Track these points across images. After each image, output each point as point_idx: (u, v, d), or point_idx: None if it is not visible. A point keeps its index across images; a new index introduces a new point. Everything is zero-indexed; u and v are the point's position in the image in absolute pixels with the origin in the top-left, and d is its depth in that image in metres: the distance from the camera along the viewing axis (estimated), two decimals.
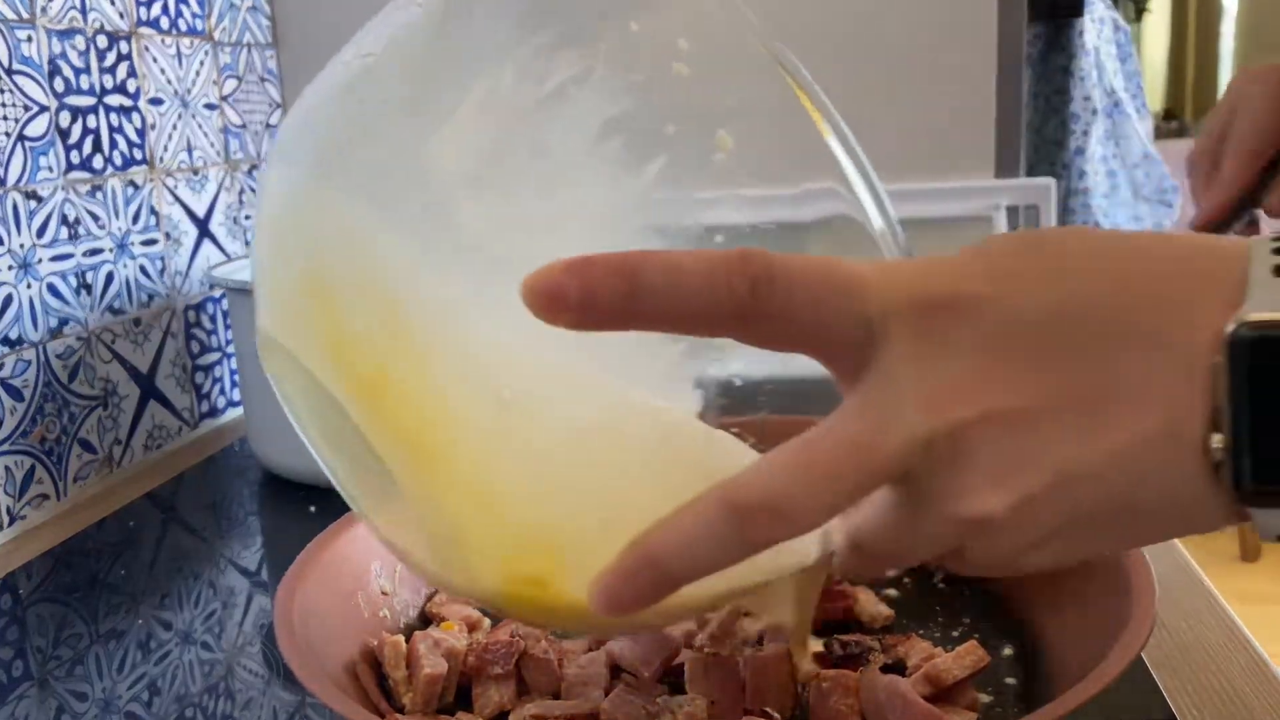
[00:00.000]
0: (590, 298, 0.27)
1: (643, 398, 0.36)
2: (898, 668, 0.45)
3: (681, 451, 0.35)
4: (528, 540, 0.34)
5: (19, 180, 0.75)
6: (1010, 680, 0.46)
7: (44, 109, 0.78)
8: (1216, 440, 0.26)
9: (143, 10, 0.89)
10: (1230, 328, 0.25)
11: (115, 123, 0.85)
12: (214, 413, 0.98)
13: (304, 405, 0.38)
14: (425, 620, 0.52)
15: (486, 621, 0.50)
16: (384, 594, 0.51)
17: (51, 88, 0.78)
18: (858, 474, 0.27)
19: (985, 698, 0.44)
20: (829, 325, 0.28)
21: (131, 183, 0.87)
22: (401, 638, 0.46)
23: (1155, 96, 3.35)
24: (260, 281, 0.39)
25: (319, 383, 0.36)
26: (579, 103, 0.35)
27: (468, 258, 0.35)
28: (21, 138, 0.75)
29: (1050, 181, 1.04)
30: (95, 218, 0.83)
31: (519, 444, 0.34)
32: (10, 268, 0.74)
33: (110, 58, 0.85)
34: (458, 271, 0.35)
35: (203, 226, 0.97)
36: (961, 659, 0.42)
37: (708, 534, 0.28)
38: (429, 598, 0.53)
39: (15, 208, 0.75)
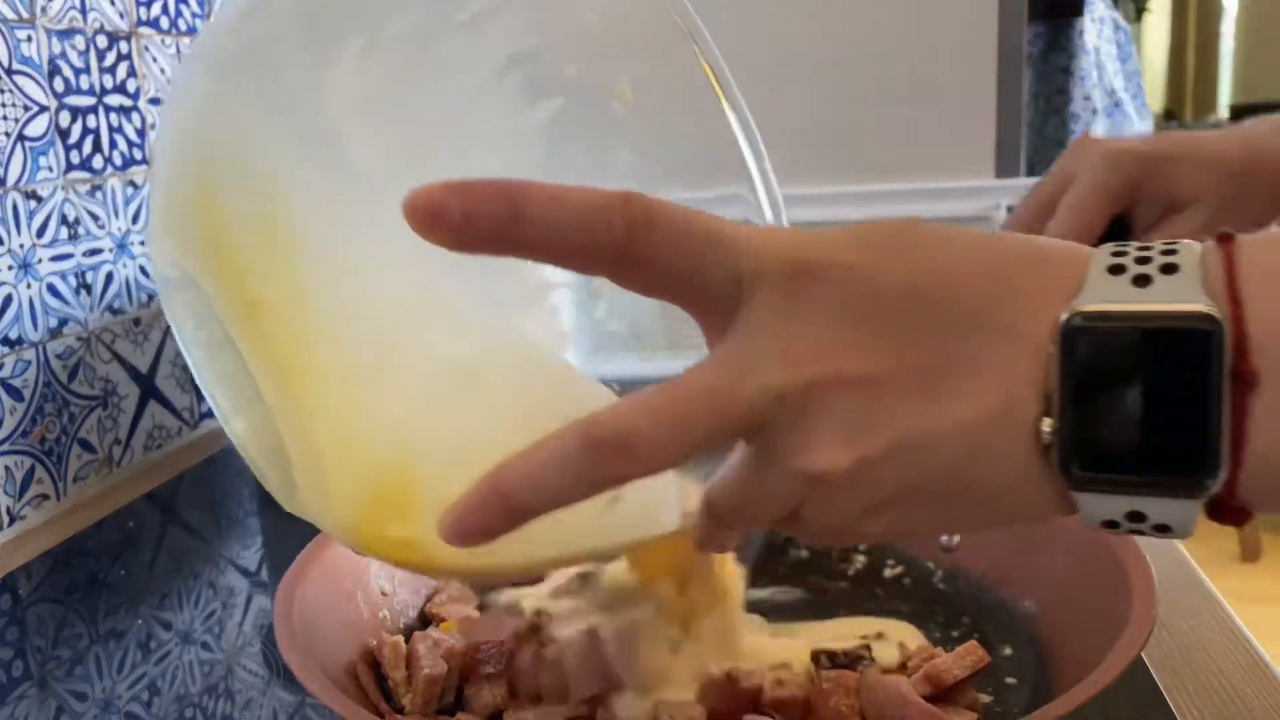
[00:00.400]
0: (470, 218, 0.28)
1: (519, 339, 0.36)
2: (897, 668, 0.45)
3: (550, 394, 0.35)
4: (387, 473, 0.34)
5: (19, 180, 0.75)
6: (1010, 680, 0.46)
7: (44, 109, 0.78)
8: (1046, 425, 0.27)
9: (143, 10, 0.89)
10: (1063, 317, 0.27)
11: (115, 123, 0.85)
12: (214, 413, 0.98)
13: (185, 312, 0.38)
14: (425, 620, 0.52)
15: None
16: (383, 594, 0.51)
17: (51, 88, 0.78)
18: (711, 419, 0.28)
19: (985, 698, 0.44)
20: (702, 276, 0.29)
21: (131, 183, 0.87)
22: (400, 638, 0.46)
23: (1155, 96, 3.36)
24: (156, 178, 0.38)
25: (203, 292, 0.36)
26: (486, 34, 0.35)
27: (355, 182, 0.35)
28: (21, 138, 0.75)
29: None
30: (95, 218, 0.83)
31: (388, 376, 0.34)
32: (10, 268, 0.74)
33: (110, 57, 0.85)
34: (344, 195, 0.35)
35: None
36: (961, 659, 0.42)
37: (559, 465, 0.28)
38: (428, 598, 0.53)
39: (15, 208, 0.75)
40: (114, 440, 0.85)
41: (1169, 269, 0.27)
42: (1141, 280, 0.27)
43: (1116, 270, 0.28)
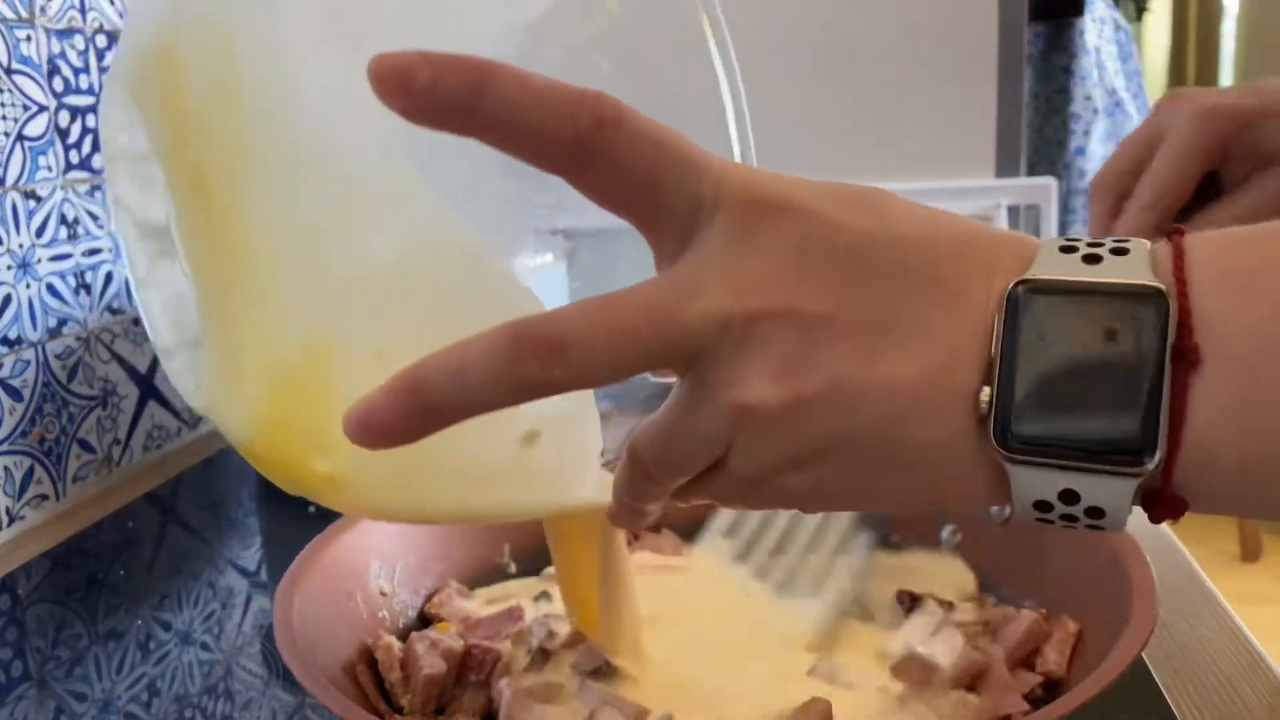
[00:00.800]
0: (435, 85, 0.27)
1: (461, 237, 0.34)
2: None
3: (485, 300, 0.34)
4: (300, 363, 0.33)
5: (18, 180, 0.75)
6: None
7: (43, 108, 0.77)
8: (985, 393, 0.27)
9: None
10: (1010, 284, 0.27)
11: None
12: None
13: (129, 186, 0.37)
14: (424, 620, 0.52)
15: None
16: (382, 595, 0.51)
17: (50, 87, 0.78)
18: (650, 336, 0.27)
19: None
20: (663, 190, 0.28)
21: None
22: (395, 639, 0.46)
23: (1156, 96, 3.35)
24: (123, 34, 0.38)
25: (149, 162, 0.35)
26: None
27: (318, 57, 0.34)
28: (20, 137, 0.75)
29: (1051, 181, 1.04)
30: (94, 217, 0.83)
31: (319, 257, 0.33)
32: (9, 267, 0.74)
33: (109, 57, 0.85)
34: (305, 67, 0.34)
35: None
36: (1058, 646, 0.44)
37: (484, 362, 0.27)
38: (428, 598, 0.53)
39: (14, 207, 0.75)
40: (113, 440, 0.85)
41: (1119, 251, 0.27)
42: (1091, 259, 0.27)
43: (1068, 250, 0.28)
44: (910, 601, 0.50)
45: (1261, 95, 0.55)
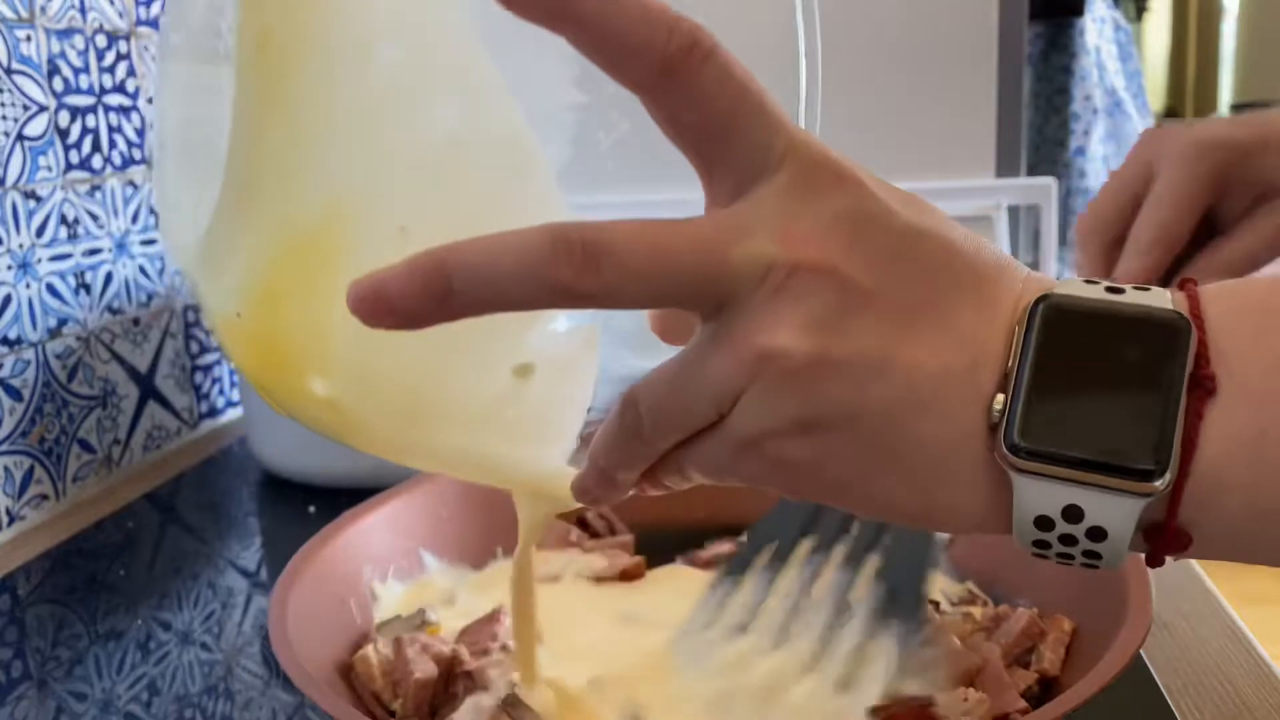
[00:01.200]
0: None
1: (521, 133, 0.33)
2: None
3: (526, 205, 0.32)
4: (317, 225, 0.31)
5: (18, 180, 0.75)
6: None
7: (43, 108, 0.77)
8: (999, 401, 0.27)
9: (142, 10, 0.89)
10: (1033, 300, 0.28)
11: (114, 122, 0.85)
12: (213, 413, 0.98)
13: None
14: (415, 623, 0.51)
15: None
16: (375, 598, 0.51)
17: (51, 87, 0.78)
18: (691, 266, 0.27)
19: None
20: (736, 133, 0.28)
21: (130, 182, 0.87)
22: (371, 649, 0.46)
23: (1156, 96, 3.35)
24: None
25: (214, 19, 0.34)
26: None
27: None
28: (20, 137, 0.75)
29: (1051, 181, 1.04)
30: (94, 217, 0.83)
31: (369, 125, 0.32)
32: (9, 267, 0.74)
33: (109, 57, 0.85)
34: None
35: None
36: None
37: (517, 255, 0.26)
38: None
39: (14, 207, 0.75)
40: (113, 440, 0.85)
41: (1141, 289, 0.28)
42: (1114, 290, 0.28)
43: (1091, 283, 0.28)
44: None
45: (1257, 126, 0.53)
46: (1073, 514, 0.27)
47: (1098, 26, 2.17)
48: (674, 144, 0.29)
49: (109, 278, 0.84)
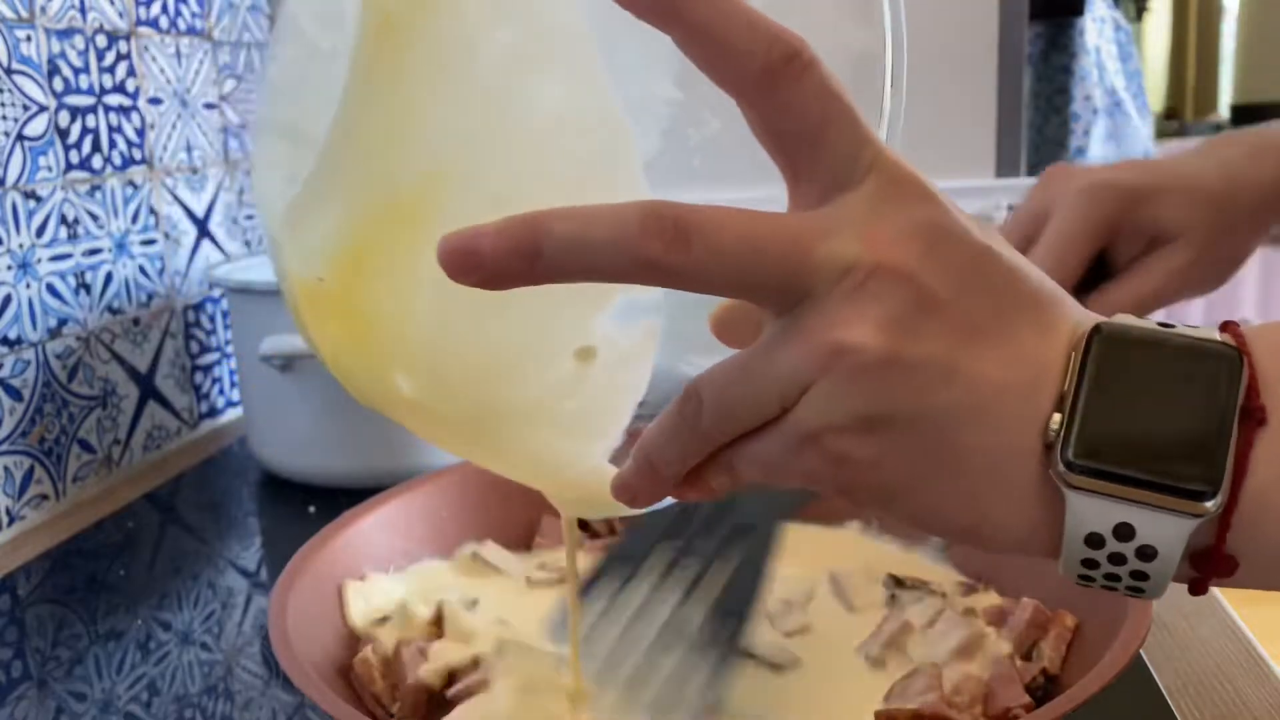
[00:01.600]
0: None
1: (620, 121, 0.34)
2: None
3: (615, 189, 0.33)
4: (412, 188, 0.32)
5: (18, 180, 0.75)
6: None
7: (43, 108, 0.78)
8: (1055, 420, 0.28)
9: (142, 10, 0.89)
10: (1090, 327, 0.29)
11: (114, 122, 0.85)
12: (213, 413, 0.98)
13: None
14: (414, 626, 0.51)
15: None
16: (375, 598, 0.51)
17: (51, 87, 0.78)
18: (776, 256, 0.28)
19: None
20: (827, 145, 0.29)
21: (131, 182, 0.87)
22: (369, 651, 0.46)
23: (1156, 96, 3.35)
24: None
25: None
26: None
27: None
28: (21, 137, 0.75)
29: None
30: (94, 217, 0.83)
31: (476, 97, 0.33)
32: (9, 267, 0.74)
33: (109, 57, 0.85)
34: None
35: (202, 226, 0.97)
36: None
37: (611, 225, 0.27)
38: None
39: (14, 207, 0.75)
40: (113, 440, 0.85)
41: (1189, 326, 0.29)
42: (1165, 326, 0.29)
43: (1142, 319, 0.30)
44: (895, 585, 0.50)
45: (1150, 171, 0.54)
46: (1124, 532, 0.28)
47: (1098, 26, 2.17)
48: (765, 148, 0.30)
49: (109, 278, 0.85)
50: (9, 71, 0.74)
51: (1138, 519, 0.27)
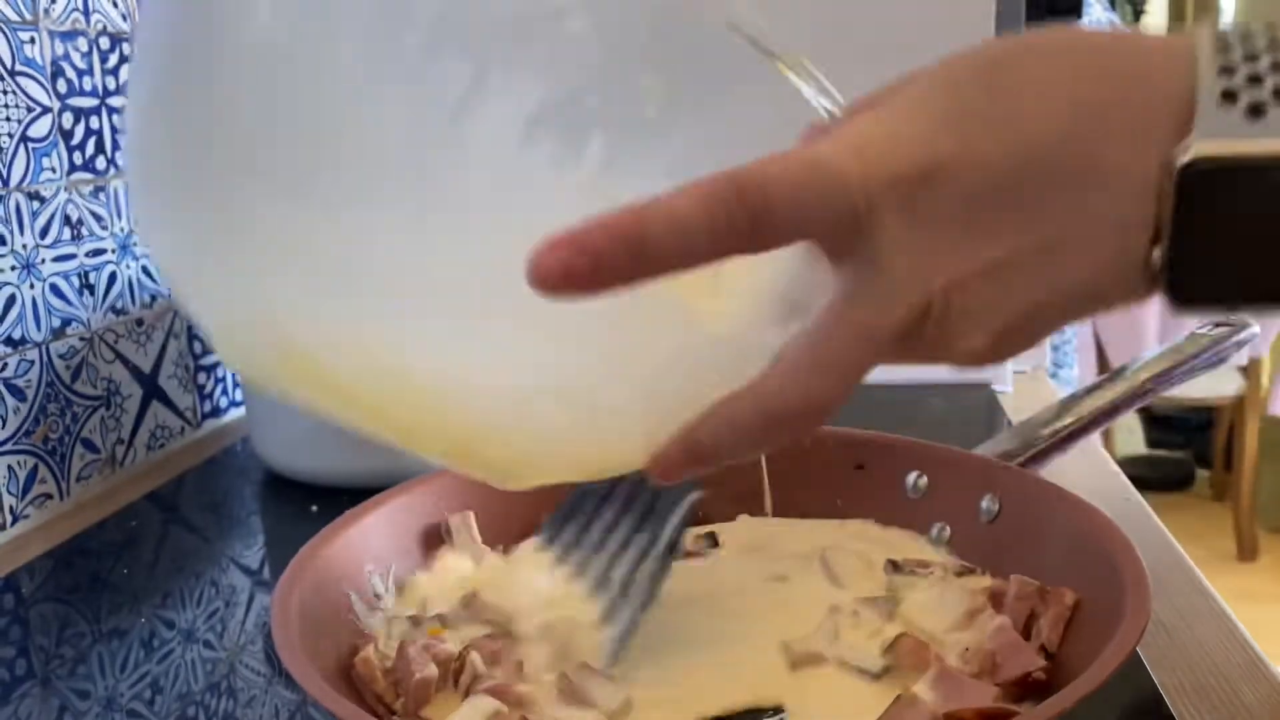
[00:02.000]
0: (597, 267, 0.27)
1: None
2: None
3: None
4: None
5: (22, 181, 0.75)
6: None
7: (47, 110, 0.78)
8: (1156, 254, 0.28)
9: None
10: (1182, 160, 0.27)
11: (118, 124, 0.85)
12: (216, 412, 0.98)
13: None
14: (417, 623, 0.52)
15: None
16: (377, 597, 0.51)
17: (54, 89, 0.79)
18: (868, 355, 0.30)
19: None
20: (821, 223, 0.30)
21: None
22: (371, 650, 0.46)
23: None
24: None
25: None
26: (488, 112, 0.31)
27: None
28: (24, 139, 0.76)
29: None
30: (98, 218, 0.83)
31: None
32: (13, 268, 0.75)
33: (113, 59, 0.85)
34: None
35: None
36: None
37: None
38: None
39: (18, 208, 0.75)
40: (117, 440, 0.85)
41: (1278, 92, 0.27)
42: (1256, 110, 0.27)
43: (1228, 97, 0.27)
44: (893, 570, 0.51)
45: None
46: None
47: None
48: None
49: (113, 278, 0.85)
50: (13, 73, 0.75)
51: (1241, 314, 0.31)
